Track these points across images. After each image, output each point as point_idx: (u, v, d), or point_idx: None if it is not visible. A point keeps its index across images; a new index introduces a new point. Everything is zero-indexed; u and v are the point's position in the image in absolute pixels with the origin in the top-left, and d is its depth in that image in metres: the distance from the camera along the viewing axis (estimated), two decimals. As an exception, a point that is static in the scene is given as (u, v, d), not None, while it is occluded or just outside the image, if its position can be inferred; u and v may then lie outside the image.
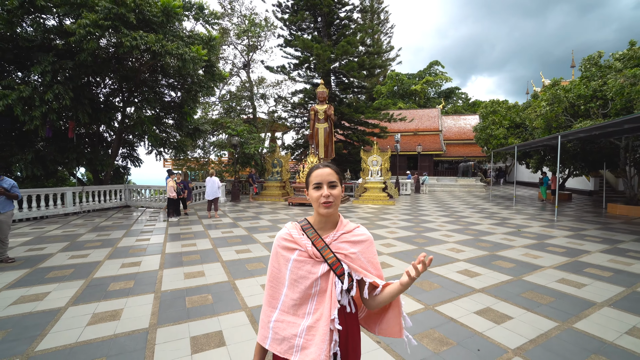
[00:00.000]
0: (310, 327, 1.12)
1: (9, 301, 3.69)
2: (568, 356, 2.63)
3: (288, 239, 1.23)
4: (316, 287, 1.16)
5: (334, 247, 1.20)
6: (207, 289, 4.10)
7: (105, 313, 3.40)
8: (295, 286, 1.17)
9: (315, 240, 1.20)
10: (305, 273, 1.16)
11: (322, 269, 1.16)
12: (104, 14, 8.11)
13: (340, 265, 1.17)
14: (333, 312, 1.12)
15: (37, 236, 7.30)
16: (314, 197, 1.18)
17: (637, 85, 8.21)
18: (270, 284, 1.25)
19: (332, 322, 1.11)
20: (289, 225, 1.28)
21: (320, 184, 1.18)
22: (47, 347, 2.74)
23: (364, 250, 1.22)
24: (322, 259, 1.17)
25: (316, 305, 1.16)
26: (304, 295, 1.16)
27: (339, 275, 1.16)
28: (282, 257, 1.22)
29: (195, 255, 5.69)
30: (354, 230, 1.25)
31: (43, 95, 8.23)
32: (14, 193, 5.09)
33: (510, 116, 18.23)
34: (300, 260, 1.18)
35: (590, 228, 8.51)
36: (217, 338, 2.92)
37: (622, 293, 4.00)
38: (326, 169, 1.20)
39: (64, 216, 10.39)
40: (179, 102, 13.62)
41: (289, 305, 1.18)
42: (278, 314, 1.20)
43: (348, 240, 1.21)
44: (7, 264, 5.11)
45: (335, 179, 1.19)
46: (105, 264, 5.15)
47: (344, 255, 1.18)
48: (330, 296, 1.14)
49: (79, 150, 11.12)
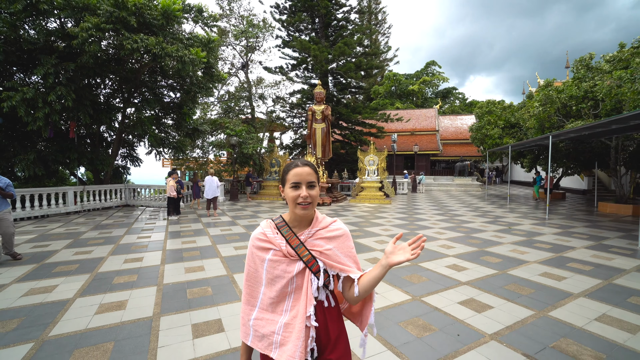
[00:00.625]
0: (287, 324, 1.14)
1: (20, 293, 3.90)
2: (539, 339, 2.86)
3: (262, 239, 1.22)
4: (292, 285, 1.17)
5: (309, 244, 1.20)
6: (207, 282, 4.32)
7: (111, 303, 3.62)
8: (272, 285, 1.18)
9: (290, 238, 1.19)
10: (280, 272, 1.17)
11: (297, 267, 1.16)
12: (106, 17, 8.32)
13: (315, 262, 1.17)
14: (309, 309, 1.13)
15: (41, 234, 7.50)
16: (291, 197, 1.16)
17: (622, 87, 8.46)
18: (247, 283, 1.26)
19: (307, 319, 1.13)
20: (264, 224, 1.27)
21: (298, 183, 1.16)
22: (59, 333, 2.95)
23: (340, 245, 1.22)
24: (298, 257, 1.17)
25: (293, 302, 1.17)
26: (281, 294, 1.17)
27: (315, 272, 1.16)
28: (258, 257, 1.22)
29: (195, 252, 5.91)
30: (330, 225, 1.24)
31: (46, 97, 8.44)
32: (8, 192, 5.11)
33: (505, 116, 18.49)
34: (275, 259, 1.18)
35: (579, 226, 8.77)
36: (216, 325, 3.14)
37: (598, 285, 4.24)
38: (305, 167, 1.18)
39: (66, 215, 10.58)
40: (178, 102, 13.82)
41: (267, 303, 1.20)
42: (257, 311, 1.22)
43: (323, 237, 1.21)
44: (15, 260, 5.29)
45: (314, 179, 1.18)
46: (109, 260, 5.37)
47: (319, 252, 1.18)
48: (306, 293, 1.15)
49: (80, 150, 11.31)
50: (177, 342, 2.83)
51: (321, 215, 1.27)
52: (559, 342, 2.81)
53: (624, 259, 5.48)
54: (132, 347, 2.73)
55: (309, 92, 22.05)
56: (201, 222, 9.14)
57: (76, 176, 13.25)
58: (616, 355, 2.60)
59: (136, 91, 12.79)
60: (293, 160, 1.23)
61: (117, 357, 2.58)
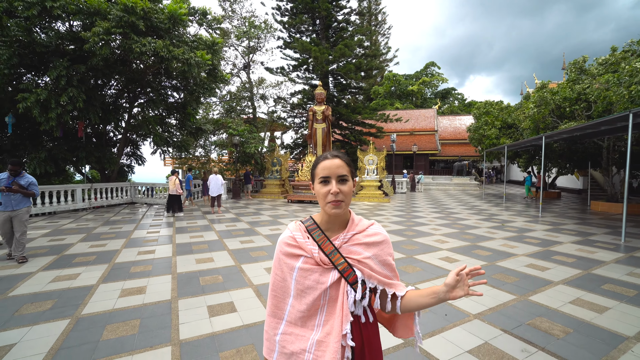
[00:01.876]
0: (320, 341, 1.00)
1: (48, 279, 4.26)
2: (517, 318, 3.22)
3: (291, 244, 1.09)
4: (325, 297, 1.02)
5: (345, 250, 1.06)
6: (217, 272, 4.68)
7: (132, 289, 3.98)
8: (303, 297, 1.04)
9: (323, 243, 1.05)
10: (312, 283, 1.02)
11: (332, 277, 1.02)
12: (116, 21, 8.68)
13: (352, 271, 1.02)
14: (345, 327, 0.98)
15: (55, 229, 7.86)
16: (321, 194, 1.03)
17: (609, 90, 8.82)
18: (273, 294, 1.12)
19: (343, 337, 0.98)
20: (292, 227, 1.14)
21: (328, 177, 1.03)
22: (90, 312, 3.32)
23: (380, 253, 1.07)
24: (332, 265, 1.02)
25: (326, 316, 1.03)
26: (313, 307, 1.03)
27: (352, 283, 1.02)
28: (286, 264, 1.08)
29: (204, 245, 6.27)
30: (368, 228, 1.10)
31: (58, 98, 8.80)
32: (30, 190, 4.95)
33: (502, 117, 18.84)
34: (306, 268, 1.04)
35: (570, 223, 9.13)
36: (229, 306, 3.50)
37: (578, 274, 4.61)
38: (335, 159, 1.05)
39: (74, 212, 10.93)
40: (182, 102, 14.18)
41: (297, 317, 1.06)
42: (285, 325, 1.08)
43: (361, 242, 1.06)
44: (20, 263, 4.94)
45: (346, 172, 1.04)
46: (123, 252, 5.73)
47: (357, 261, 1.04)
48: (341, 308, 1.00)
49: (87, 149, 11.66)
50: (195, 319, 3.19)
51: (357, 217, 1.13)
52: (534, 320, 3.17)
53: (606, 252, 5.85)
54: (157, 324, 3.09)
55: (310, 92, 22.40)
56: (206, 219, 9.50)
57: (83, 174, 13.61)
58: (582, 330, 2.97)
59: (141, 92, 13.14)
60: (323, 153, 1.10)
61: (146, 331, 2.94)
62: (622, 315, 3.27)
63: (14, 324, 3.04)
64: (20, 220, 4.94)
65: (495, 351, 2.63)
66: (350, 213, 1.13)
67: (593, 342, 2.77)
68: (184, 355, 2.56)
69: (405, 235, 7.33)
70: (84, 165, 12.61)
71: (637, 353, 2.60)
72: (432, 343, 2.78)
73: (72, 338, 2.80)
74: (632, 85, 7.89)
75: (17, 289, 3.92)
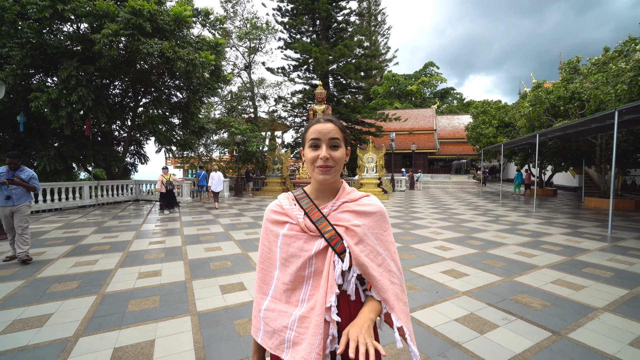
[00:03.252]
0: (303, 317, 0.92)
1: (70, 265, 4.59)
2: (501, 295, 3.56)
3: (277, 211, 1.05)
4: (310, 267, 0.95)
5: (333, 218, 0.99)
6: (226, 258, 5.01)
7: (148, 272, 4.31)
8: (286, 267, 0.98)
9: (311, 211, 1.00)
10: (296, 250, 0.96)
11: (317, 245, 0.95)
12: (124, 23, 9.01)
13: (340, 240, 0.95)
14: (329, 299, 0.90)
15: (67, 223, 8.19)
16: (309, 158, 0.98)
17: (598, 89, 9.16)
18: (260, 266, 1.07)
19: (327, 310, 0.90)
20: (281, 196, 1.10)
21: (318, 141, 0.97)
22: (113, 290, 3.65)
23: (372, 225, 0.99)
24: (318, 232, 0.96)
25: (311, 290, 0.95)
26: (297, 278, 0.96)
27: (339, 252, 0.94)
28: (271, 232, 1.03)
29: (211, 236, 6.60)
30: (361, 199, 1.03)
31: (69, 97, 9.13)
32: (32, 184, 4.74)
33: (499, 116, 19.21)
34: (290, 235, 0.98)
35: (562, 217, 9.47)
36: (239, 286, 3.83)
37: (562, 260, 4.94)
38: (328, 124, 0.99)
39: (82, 208, 11.26)
40: (186, 102, 14.51)
41: (281, 291, 0.99)
42: (269, 301, 1.02)
43: (351, 210, 0.99)
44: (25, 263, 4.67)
45: (339, 137, 0.98)
46: (135, 242, 6.06)
47: (345, 229, 0.96)
48: (326, 279, 0.92)
49: (95, 147, 12.00)
50: (209, 296, 3.53)
51: (349, 187, 1.07)
52: (516, 296, 3.50)
53: (591, 242, 6.19)
54: (175, 299, 3.42)
55: (310, 92, 22.74)
56: (211, 214, 9.84)
57: (90, 172, 13.94)
58: (558, 303, 3.30)
59: (146, 92, 13.48)
60: (317, 117, 1.04)
61: (166, 305, 3.27)
62: (596, 292, 3.61)
63: (48, 299, 3.37)
64: (22, 215, 4.67)
65: (478, 319, 2.96)
66: (342, 182, 1.07)
67: (566, 312, 3.10)
68: (202, 323, 2.89)
69: (403, 228, 7.66)
70: (91, 163, 12.95)
71: (603, 320, 2.93)
72: (423, 314, 3.10)
73: (101, 310, 3.13)
74: (617, 84, 8.22)
75: (43, 272, 4.26)
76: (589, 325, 2.84)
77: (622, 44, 10.43)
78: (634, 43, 9.29)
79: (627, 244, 6.08)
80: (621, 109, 6.69)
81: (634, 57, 8.35)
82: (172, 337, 2.64)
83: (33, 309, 3.13)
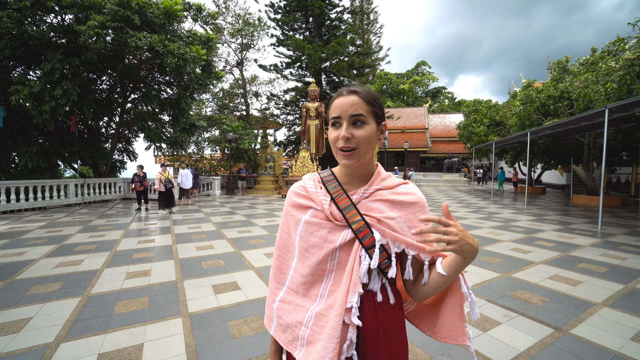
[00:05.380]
0: (320, 314, 0.82)
1: (53, 265, 4.37)
2: (501, 291, 3.51)
3: (301, 194, 0.93)
4: (333, 260, 0.84)
5: (363, 207, 0.85)
6: (218, 257, 4.86)
7: (137, 272, 4.13)
8: (306, 258, 0.87)
9: (338, 197, 0.86)
10: (319, 241, 0.84)
11: (343, 236, 0.83)
12: (111, 15, 8.69)
13: (370, 232, 0.82)
14: (351, 298, 0.79)
15: (51, 222, 7.88)
16: (331, 139, 0.85)
17: (588, 88, 9.29)
18: (278, 253, 0.97)
19: (347, 311, 0.79)
20: (306, 177, 0.97)
21: (338, 118, 0.82)
22: (99, 291, 3.47)
23: (410, 218, 0.84)
24: (345, 222, 0.83)
25: (332, 286, 0.85)
26: (317, 271, 0.85)
27: (368, 247, 0.81)
28: (292, 217, 0.92)
29: (202, 235, 6.42)
30: (398, 186, 0.89)
31: (52, 91, 8.77)
32: None
33: (490, 115, 19.42)
34: (313, 222, 0.86)
35: (552, 214, 9.58)
36: (233, 285, 3.69)
37: (557, 256, 4.95)
38: (351, 96, 0.82)
39: (67, 207, 10.89)
40: (176, 98, 14.18)
41: (298, 283, 0.89)
42: (285, 292, 0.93)
43: (385, 199, 0.85)
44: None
45: (364, 112, 0.81)
46: (124, 241, 5.84)
47: (377, 220, 0.83)
48: (349, 275, 0.81)
49: (81, 144, 11.61)
50: (202, 296, 3.38)
51: (386, 173, 0.93)
52: (515, 292, 3.46)
53: (583, 238, 6.24)
54: (165, 300, 3.27)
55: (303, 89, 22.58)
56: (202, 212, 9.62)
57: (76, 169, 13.51)
58: (557, 299, 3.27)
59: (135, 87, 13.11)
60: (340, 90, 0.88)
61: (155, 306, 3.11)
62: (593, 287, 3.60)
63: (27, 302, 3.18)
64: None
65: (480, 316, 2.90)
66: (378, 166, 0.93)
67: (566, 308, 3.07)
68: (195, 325, 2.75)
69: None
70: (77, 160, 12.53)
71: (602, 315, 2.91)
72: (423, 312, 3.03)
73: (86, 312, 2.95)
74: (607, 82, 8.34)
75: (23, 274, 4.03)
76: (590, 320, 2.81)
77: (610, 44, 10.60)
78: (622, 43, 9.45)
79: (617, 239, 6.16)
80: (611, 107, 6.77)
81: (624, 56, 8.48)
82: (162, 340, 2.50)
83: (10, 313, 2.94)
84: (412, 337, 2.54)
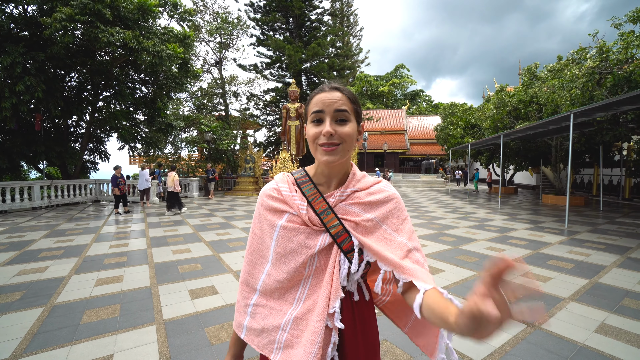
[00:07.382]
0: (299, 318, 0.81)
1: (12, 273, 4.07)
2: (476, 289, 3.62)
3: (275, 197, 0.88)
4: (312, 266, 0.82)
5: (341, 210, 0.84)
6: (196, 260, 4.71)
7: (108, 278, 3.92)
8: (283, 263, 0.83)
9: (314, 200, 0.84)
10: (297, 246, 0.82)
11: (321, 241, 0.81)
12: (80, 8, 8.24)
13: (348, 237, 0.81)
14: (333, 304, 0.78)
15: (12, 227, 7.35)
16: (311, 135, 0.81)
17: (555, 94, 9.84)
18: (249, 257, 0.93)
19: (330, 317, 0.78)
20: (279, 178, 0.93)
21: (321, 114, 0.80)
22: (65, 300, 3.25)
23: (387, 215, 0.83)
24: (323, 227, 0.81)
25: (310, 289, 0.83)
26: (294, 277, 0.83)
27: (346, 251, 0.80)
28: (266, 221, 0.88)
29: (179, 238, 6.20)
30: (372, 186, 0.87)
31: (14, 87, 8.19)
32: None
33: (466, 117, 20.11)
34: (290, 227, 0.83)
35: (524, 213, 10.04)
36: (210, 290, 3.58)
37: (529, 253, 5.18)
38: (334, 92, 0.81)
39: (32, 210, 10.21)
40: (152, 97, 13.67)
41: (273, 288, 0.86)
42: (258, 296, 0.89)
43: (362, 202, 0.84)
44: None
45: (347, 109, 0.80)
46: (94, 246, 5.54)
47: (355, 224, 0.82)
48: (330, 281, 0.79)
49: (47, 143, 10.92)
50: (177, 302, 3.25)
51: (360, 172, 0.91)
52: (490, 290, 3.58)
53: (552, 236, 6.58)
54: (138, 307, 3.12)
55: (283, 90, 22.46)
56: (180, 215, 9.31)
57: (41, 170, 12.69)
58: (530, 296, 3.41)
59: (107, 85, 12.52)
60: (321, 86, 0.85)
61: (128, 314, 2.96)
62: (562, 283, 3.79)
63: (-17, 314, 2.93)
64: None
65: (456, 314, 2.97)
66: (352, 166, 0.90)
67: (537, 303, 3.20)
68: (169, 332, 2.64)
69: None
70: (43, 161, 11.79)
71: (570, 309, 3.06)
72: (402, 311, 3.06)
73: (49, 323, 2.76)
74: (572, 89, 8.85)
75: (-21, 283, 3.72)
76: (559, 315, 2.94)
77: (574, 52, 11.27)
78: (584, 52, 10.07)
79: (582, 236, 6.53)
80: (576, 112, 7.19)
81: (585, 65, 9.04)
82: (134, 350, 2.37)
83: (-37, 326, 2.70)
84: (392, 338, 2.56)
